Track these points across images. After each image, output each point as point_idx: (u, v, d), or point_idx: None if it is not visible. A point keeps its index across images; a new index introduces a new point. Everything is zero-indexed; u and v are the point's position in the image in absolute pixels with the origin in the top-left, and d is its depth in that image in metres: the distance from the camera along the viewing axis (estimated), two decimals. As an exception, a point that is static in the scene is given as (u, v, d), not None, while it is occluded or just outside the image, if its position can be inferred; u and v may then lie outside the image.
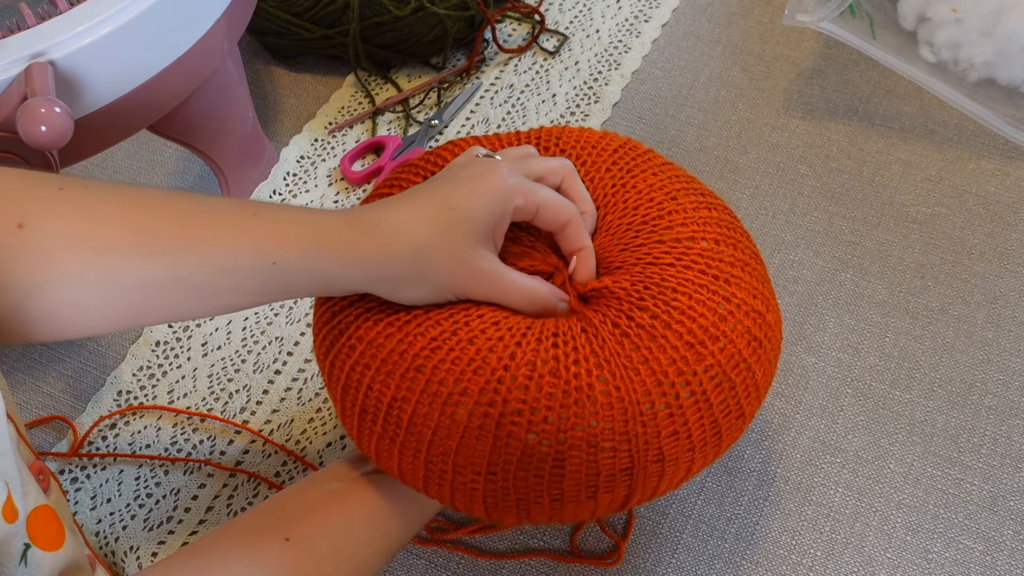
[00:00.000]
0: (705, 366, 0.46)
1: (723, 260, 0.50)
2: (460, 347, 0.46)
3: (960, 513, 0.60)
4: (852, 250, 0.73)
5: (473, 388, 0.45)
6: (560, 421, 0.45)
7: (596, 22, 0.92)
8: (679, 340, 0.46)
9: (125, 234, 0.45)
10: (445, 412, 0.45)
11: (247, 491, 0.63)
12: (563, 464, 0.45)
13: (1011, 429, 0.63)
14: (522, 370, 0.45)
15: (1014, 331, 0.68)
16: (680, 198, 0.52)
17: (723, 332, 0.47)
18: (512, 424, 0.45)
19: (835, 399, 0.65)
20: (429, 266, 0.46)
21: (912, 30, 0.83)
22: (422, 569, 0.59)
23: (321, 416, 0.67)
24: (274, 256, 0.45)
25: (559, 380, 0.45)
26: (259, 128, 0.80)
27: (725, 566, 0.59)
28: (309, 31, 0.86)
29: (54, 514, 0.44)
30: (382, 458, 0.49)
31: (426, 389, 0.46)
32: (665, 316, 0.47)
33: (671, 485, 0.49)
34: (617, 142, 0.56)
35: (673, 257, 0.49)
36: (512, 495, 0.47)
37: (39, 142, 0.53)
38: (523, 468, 0.45)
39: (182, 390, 0.69)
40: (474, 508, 0.48)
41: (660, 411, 0.46)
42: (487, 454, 0.45)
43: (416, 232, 0.46)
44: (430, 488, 0.48)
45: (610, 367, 0.46)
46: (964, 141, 0.79)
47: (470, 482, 0.46)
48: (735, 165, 0.80)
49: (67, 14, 0.58)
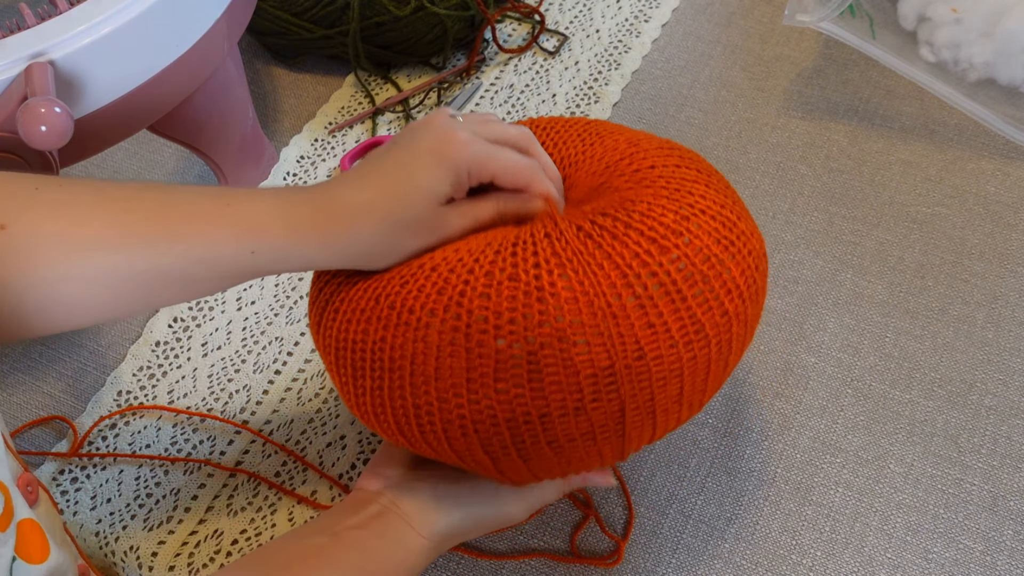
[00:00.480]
0: (671, 258, 0.47)
1: (685, 179, 0.51)
2: (424, 275, 0.48)
3: (960, 513, 0.60)
4: (852, 250, 0.73)
5: (438, 307, 0.47)
6: (525, 320, 0.46)
7: (596, 22, 0.92)
8: (641, 236, 0.47)
9: (105, 230, 0.46)
10: (418, 337, 0.47)
11: (247, 491, 0.63)
12: (538, 364, 0.46)
13: (1011, 429, 0.63)
14: (481, 280, 0.47)
15: (1014, 331, 0.68)
16: (642, 143, 0.54)
17: (687, 229, 0.48)
18: (480, 332, 0.46)
19: (835, 399, 0.65)
20: (397, 238, 0.49)
21: (912, 30, 0.83)
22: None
23: (321, 416, 0.67)
24: (252, 246, 0.47)
25: (519, 283, 0.46)
26: (259, 128, 0.80)
27: (725, 566, 0.59)
28: (309, 31, 0.86)
29: (39, 528, 0.45)
30: (378, 414, 0.50)
31: (399, 321, 0.48)
32: (625, 219, 0.48)
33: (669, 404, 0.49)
34: (586, 120, 0.58)
35: (634, 182, 0.51)
36: (499, 416, 0.47)
37: (39, 142, 0.53)
38: (500, 378, 0.46)
39: (182, 390, 0.69)
40: (472, 447, 0.48)
41: (629, 303, 0.46)
42: (464, 370, 0.46)
43: (381, 207, 0.48)
44: (425, 433, 0.49)
45: (572, 265, 0.47)
46: (964, 141, 0.79)
47: (456, 408, 0.47)
48: (735, 165, 0.80)
49: (67, 14, 0.58)
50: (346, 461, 0.64)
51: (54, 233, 0.45)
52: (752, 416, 0.65)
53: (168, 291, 0.48)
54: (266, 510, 0.62)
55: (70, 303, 0.47)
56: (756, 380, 0.66)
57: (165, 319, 0.73)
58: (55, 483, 0.65)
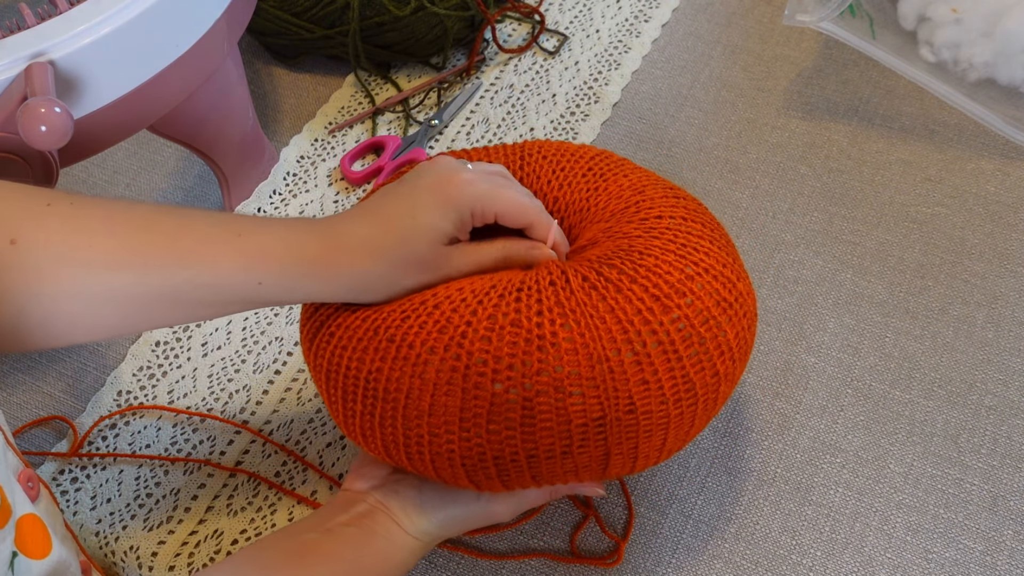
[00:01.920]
0: (672, 318, 0.48)
1: (691, 233, 0.52)
2: (427, 312, 0.49)
3: (960, 513, 0.60)
4: (852, 250, 0.73)
5: (439, 346, 0.47)
6: (524, 367, 0.46)
7: (596, 22, 0.92)
8: (645, 293, 0.48)
9: (115, 250, 0.46)
10: (415, 373, 0.48)
11: (247, 491, 0.63)
12: (532, 411, 0.47)
13: (1011, 429, 0.63)
14: (483, 323, 0.47)
15: (1014, 331, 0.68)
16: (647, 191, 0.55)
17: (690, 289, 0.49)
18: (478, 375, 0.47)
19: (835, 399, 0.65)
20: (399, 275, 0.50)
21: (912, 30, 0.82)
22: (422, 569, 0.59)
23: (321, 416, 0.67)
24: (259, 277, 0.48)
25: (520, 330, 0.47)
26: (259, 128, 0.80)
27: (725, 566, 0.59)
28: (309, 31, 0.86)
29: (41, 523, 0.45)
30: (367, 438, 0.51)
31: (396, 355, 0.48)
32: (631, 272, 0.49)
33: (651, 451, 0.50)
34: (593, 152, 0.58)
35: (641, 231, 0.51)
36: (488, 454, 0.48)
37: (39, 142, 0.53)
38: (494, 420, 0.47)
39: (182, 390, 0.69)
40: (457, 476, 0.49)
41: (627, 359, 0.47)
42: (458, 409, 0.47)
43: (384, 243, 0.49)
44: (412, 460, 0.50)
45: (575, 316, 0.47)
46: (964, 141, 0.79)
47: (446, 443, 0.48)
48: (735, 165, 0.80)
49: (67, 14, 0.58)
50: (346, 461, 0.64)
51: (64, 251, 0.46)
52: (752, 416, 0.65)
53: (172, 313, 0.49)
54: (266, 510, 0.62)
55: (73, 320, 0.47)
56: (756, 380, 0.66)
57: (165, 319, 0.73)
58: (55, 483, 0.65)
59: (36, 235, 0.45)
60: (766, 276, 0.72)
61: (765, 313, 0.70)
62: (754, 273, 0.72)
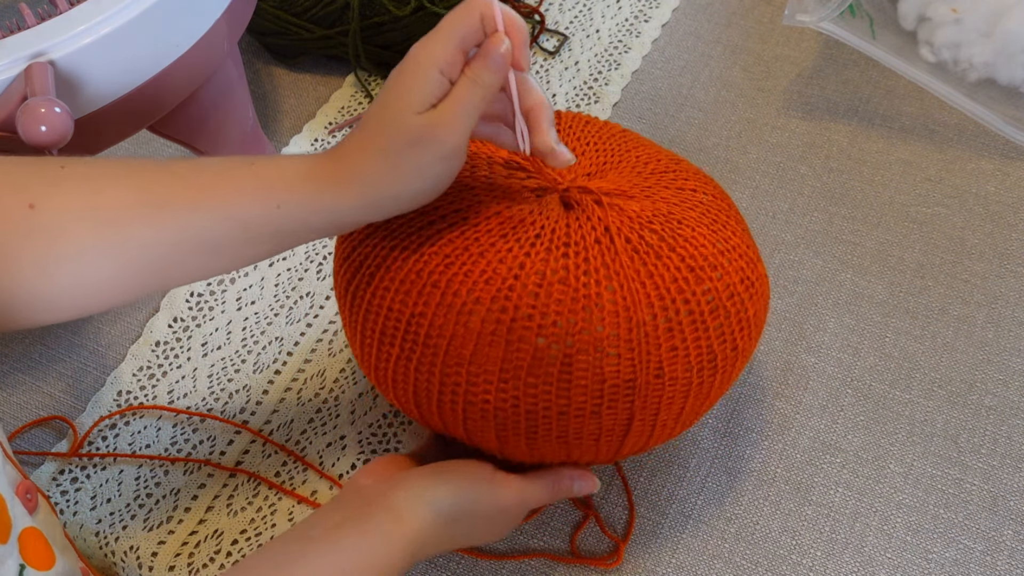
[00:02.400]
0: (703, 289, 0.49)
1: (720, 211, 0.54)
2: (472, 261, 0.49)
3: (960, 513, 0.60)
4: (852, 250, 0.73)
5: (485, 296, 0.48)
6: (568, 325, 0.47)
7: (596, 22, 0.92)
8: (682, 262, 0.49)
9: (133, 203, 0.46)
10: (460, 321, 0.48)
11: (247, 491, 0.63)
12: (571, 367, 0.48)
13: (1011, 429, 0.63)
14: (532, 278, 0.48)
15: (1014, 331, 0.68)
16: (682, 164, 0.57)
17: (721, 264, 0.50)
18: (523, 328, 0.47)
19: (835, 399, 0.65)
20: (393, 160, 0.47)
21: (912, 30, 0.83)
22: (422, 569, 0.59)
23: (321, 416, 0.67)
24: (277, 199, 0.47)
25: (568, 288, 0.48)
26: (259, 128, 0.80)
27: (725, 566, 0.59)
28: (309, 31, 0.86)
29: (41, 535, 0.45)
30: (398, 383, 0.51)
31: (441, 302, 0.48)
32: (671, 240, 0.50)
33: (669, 420, 0.51)
34: (619, 128, 0.59)
35: (679, 200, 0.53)
36: (522, 407, 0.49)
37: (39, 142, 0.53)
38: (533, 373, 0.48)
39: (182, 390, 0.69)
40: (486, 428, 0.50)
41: (661, 324, 0.48)
42: (499, 360, 0.48)
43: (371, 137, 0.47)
44: (443, 409, 0.50)
45: (619, 279, 0.48)
46: (964, 141, 0.79)
47: (482, 393, 0.49)
48: (735, 165, 0.80)
49: (67, 14, 0.58)
50: (346, 461, 0.64)
51: (82, 208, 0.45)
52: (752, 416, 0.65)
53: (198, 261, 0.48)
54: (266, 510, 0.62)
55: (100, 280, 0.46)
56: (756, 380, 0.66)
57: (165, 319, 0.73)
58: (55, 483, 0.65)
59: (53, 197, 0.45)
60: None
61: (765, 313, 0.70)
62: (754, 273, 0.72)
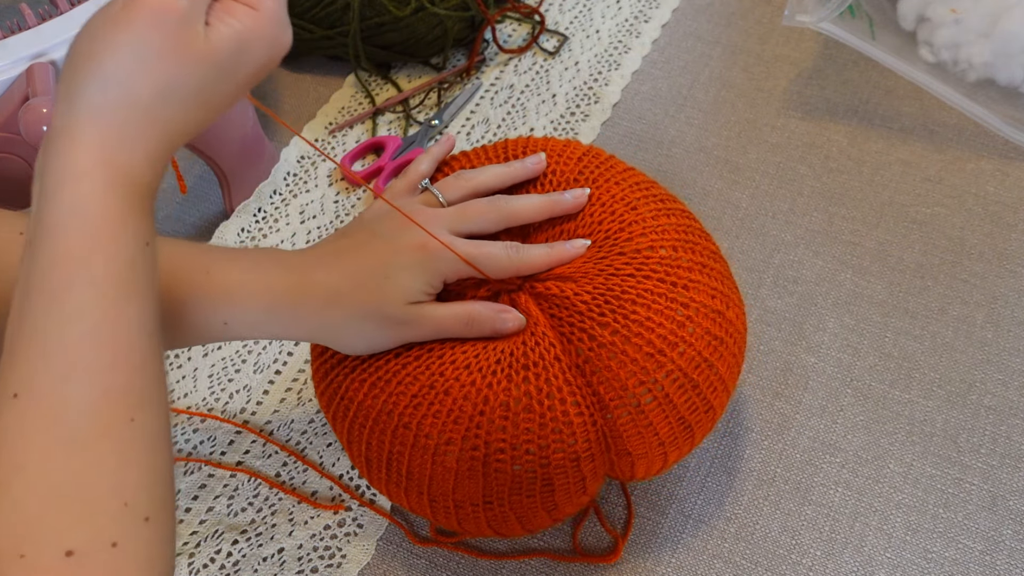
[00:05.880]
0: (665, 372, 0.50)
1: (681, 266, 0.52)
2: (439, 400, 0.50)
3: (960, 513, 0.60)
4: (852, 250, 0.73)
5: (456, 437, 0.49)
6: (541, 451, 0.49)
7: (596, 22, 0.92)
8: (638, 352, 0.49)
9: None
10: (436, 461, 0.50)
11: (247, 491, 0.63)
12: (551, 482, 0.50)
13: (1011, 429, 0.63)
14: (497, 412, 0.49)
15: (1014, 331, 0.68)
16: (640, 207, 0.54)
17: (682, 338, 0.50)
18: (497, 462, 0.49)
19: (835, 399, 0.65)
20: (367, 331, 0.50)
21: (912, 30, 0.83)
22: (422, 569, 0.59)
23: (321, 416, 0.67)
24: (225, 317, 0.49)
25: (534, 415, 0.49)
26: (259, 128, 0.80)
27: (725, 566, 0.59)
28: (309, 31, 0.86)
29: None
30: (394, 496, 0.54)
31: (415, 444, 0.50)
32: (624, 331, 0.49)
33: (650, 472, 0.54)
34: (581, 149, 0.58)
35: (633, 268, 0.52)
36: (511, 515, 0.52)
37: (41, 142, 0.53)
38: (515, 493, 0.50)
39: (182, 390, 0.69)
40: (482, 530, 0.53)
41: (622, 418, 0.50)
42: (480, 489, 0.50)
43: (353, 298, 0.50)
44: (439, 519, 0.53)
45: (582, 392, 0.50)
46: (964, 141, 0.80)
47: (471, 512, 0.51)
48: (735, 165, 0.80)
49: (68, 14, 0.59)
50: (347, 461, 0.64)
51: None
52: (752, 416, 0.65)
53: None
54: (267, 510, 0.62)
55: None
56: (756, 380, 0.66)
57: (165, 319, 0.73)
58: (56, 483, 0.65)
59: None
60: (766, 276, 0.72)
61: (765, 313, 0.70)
62: (754, 273, 0.72)
